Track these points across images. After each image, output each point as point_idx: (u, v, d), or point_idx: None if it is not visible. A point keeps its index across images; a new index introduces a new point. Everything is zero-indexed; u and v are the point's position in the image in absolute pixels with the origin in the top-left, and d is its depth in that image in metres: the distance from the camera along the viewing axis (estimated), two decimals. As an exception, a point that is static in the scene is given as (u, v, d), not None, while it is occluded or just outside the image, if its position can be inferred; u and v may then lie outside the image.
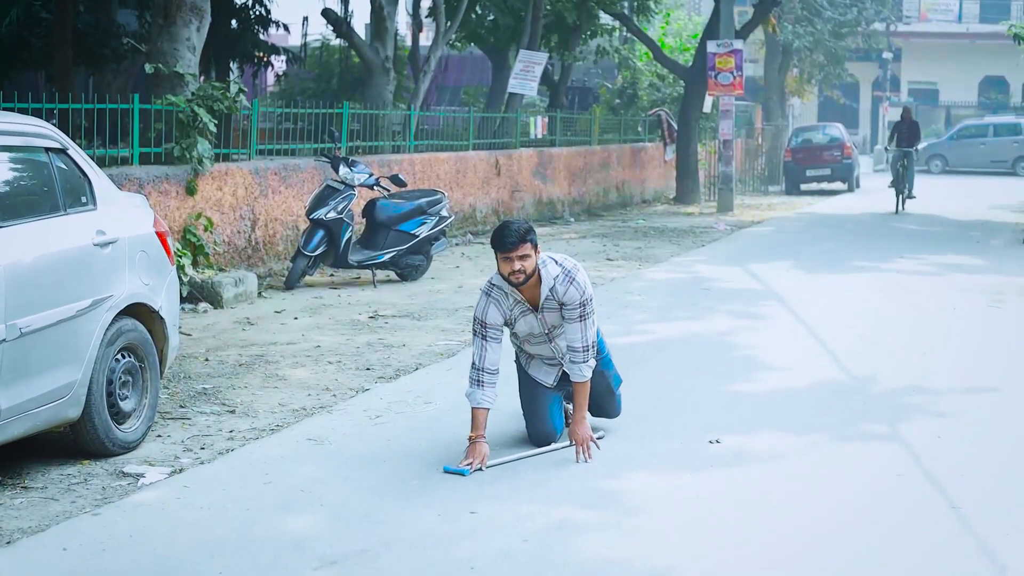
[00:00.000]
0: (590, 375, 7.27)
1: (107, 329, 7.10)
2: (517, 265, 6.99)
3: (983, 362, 10.28)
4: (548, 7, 26.81)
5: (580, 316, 7.18)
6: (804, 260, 17.39)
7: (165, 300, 7.80)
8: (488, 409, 7.11)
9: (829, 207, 28.91)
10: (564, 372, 7.44)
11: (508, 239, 6.97)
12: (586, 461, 7.09)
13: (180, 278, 12.09)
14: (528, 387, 7.50)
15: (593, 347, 7.27)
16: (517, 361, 7.66)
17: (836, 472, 7.04)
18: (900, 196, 26.60)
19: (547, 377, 7.52)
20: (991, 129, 46.15)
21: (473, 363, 7.15)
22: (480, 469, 6.89)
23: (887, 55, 53.90)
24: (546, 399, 7.44)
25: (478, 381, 7.09)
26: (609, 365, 7.71)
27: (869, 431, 7.97)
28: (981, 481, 6.89)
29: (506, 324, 7.25)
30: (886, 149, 28.54)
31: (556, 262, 7.21)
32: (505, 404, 7.73)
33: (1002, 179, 41.34)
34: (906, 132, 26.99)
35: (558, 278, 7.14)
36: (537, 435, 7.41)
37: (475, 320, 7.21)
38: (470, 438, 7.04)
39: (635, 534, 5.96)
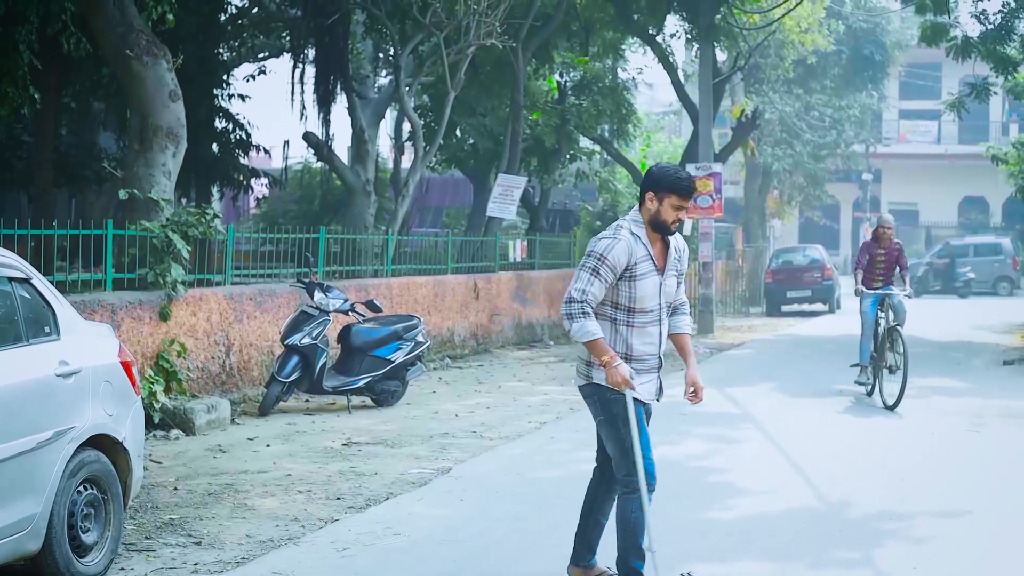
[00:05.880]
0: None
1: (69, 461, 7.01)
2: (683, 213, 6.91)
3: (960, 487, 10.20)
4: (527, 131, 27.00)
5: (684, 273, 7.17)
6: (783, 383, 17.33)
7: (129, 431, 7.71)
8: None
9: (810, 329, 28.90)
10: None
11: (690, 184, 6.88)
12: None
13: (152, 404, 12.03)
14: (629, 423, 6.88)
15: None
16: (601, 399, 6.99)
17: (809, 604, 6.94)
18: (881, 390, 14.88)
19: (648, 392, 7.05)
20: (972, 249, 46.37)
21: (574, 298, 6.77)
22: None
23: (867, 176, 54.48)
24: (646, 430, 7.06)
25: (584, 313, 6.78)
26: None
27: (844, 558, 7.89)
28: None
29: (624, 272, 6.82)
30: (856, 291, 15.20)
31: None
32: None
33: (983, 299, 41.47)
34: (884, 263, 15.30)
35: (677, 236, 7.10)
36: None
37: (594, 255, 6.81)
38: (606, 363, 6.75)
39: (601, 671, 5.84)
